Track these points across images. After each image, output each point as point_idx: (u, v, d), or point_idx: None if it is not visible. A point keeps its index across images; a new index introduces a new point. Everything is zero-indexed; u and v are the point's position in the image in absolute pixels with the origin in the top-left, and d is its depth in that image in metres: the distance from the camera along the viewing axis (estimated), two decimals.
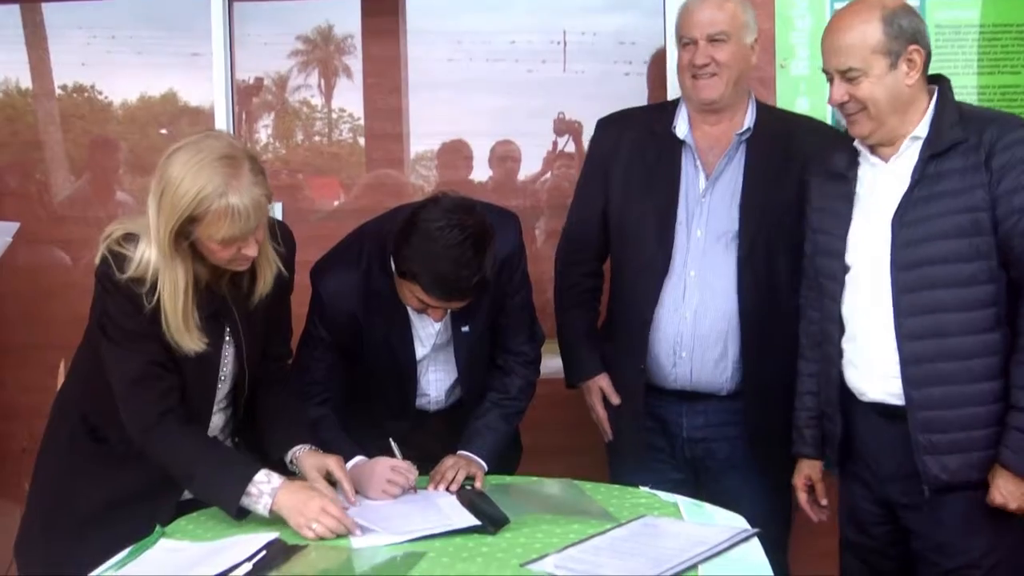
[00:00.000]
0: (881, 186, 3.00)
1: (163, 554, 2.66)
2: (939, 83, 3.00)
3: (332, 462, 2.96)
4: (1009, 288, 2.88)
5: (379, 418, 3.33)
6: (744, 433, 3.49)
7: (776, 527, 3.46)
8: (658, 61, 4.30)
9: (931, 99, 2.97)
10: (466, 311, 3.18)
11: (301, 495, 2.76)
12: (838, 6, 3.89)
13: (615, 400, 3.59)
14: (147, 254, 2.77)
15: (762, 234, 3.41)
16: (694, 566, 2.48)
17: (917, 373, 2.92)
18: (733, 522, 2.81)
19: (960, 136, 2.89)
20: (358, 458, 3.11)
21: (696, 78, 3.42)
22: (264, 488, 2.76)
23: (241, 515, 2.79)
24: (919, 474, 2.93)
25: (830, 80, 2.99)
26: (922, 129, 2.95)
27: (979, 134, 2.87)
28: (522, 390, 3.39)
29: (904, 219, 2.91)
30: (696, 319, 3.42)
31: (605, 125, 3.71)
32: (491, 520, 2.77)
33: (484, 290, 3.06)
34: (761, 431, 3.48)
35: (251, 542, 2.64)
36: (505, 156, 4.64)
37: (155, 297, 2.78)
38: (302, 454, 2.98)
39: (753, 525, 2.79)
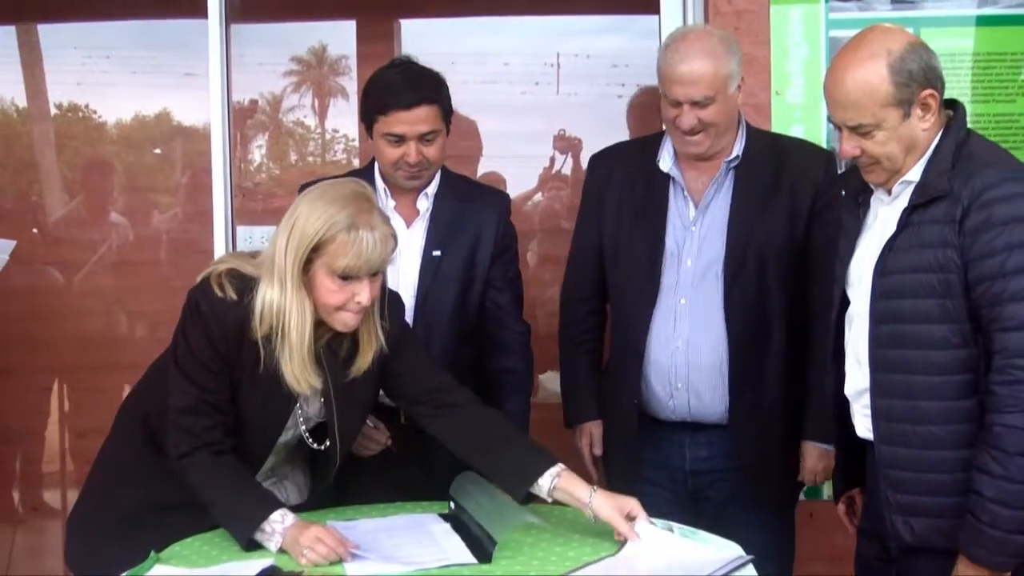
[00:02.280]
0: (880, 223, 2.85)
1: None
2: (954, 110, 2.79)
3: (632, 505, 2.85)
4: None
5: None
6: (739, 464, 3.45)
7: (782, 559, 3.48)
8: (647, 91, 4.31)
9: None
10: (439, 234, 3.39)
11: (301, 527, 2.75)
12: (833, 34, 3.92)
13: (597, 451, 3.61)
14: (269, 295, 2.77)
15: (752, 260, 3.37)
16: None
17: (887, 430, 2.76)
18: (728, 549, 2.80)
19: (944, 188, 2.65)
20: None
21: (683, 133, 3.33)
22: (277, 527, 2.75)
23: (251, 547, 2.77)
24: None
25: (838, 130, 2.79)
26: (915, 173, 2.74)
27: (964, 184, 2.63)
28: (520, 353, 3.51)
29: (884, 268, 2.74)
30: (689, 349, 3.39)
31: (597, 160, 3.68)
32: (484, 548, 2.76)
33: (443, 105, 3.33)
34: (755, 461, 3.46)
35: (245, 569, 2.63)
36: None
37: (262, 335, 2.78)
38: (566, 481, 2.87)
39: (762, 557, 2.79)
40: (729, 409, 3.41)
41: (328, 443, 3.00)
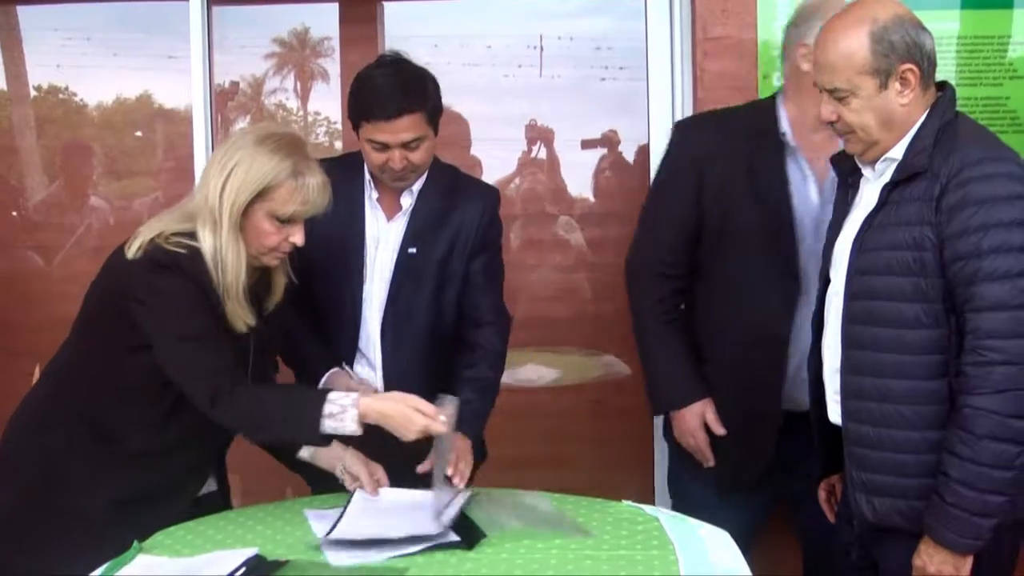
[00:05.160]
0: (864, 202, 2.86)
1: (141, 570, 2.64)
2: (943, 91, 2.81)
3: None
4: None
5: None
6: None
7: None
8: None
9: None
10: (416, 231, 3.37)
11: (380, 396, 2.85)
12: None
13: (720, 430, 3.44)
14: (208, 240, 2.83)
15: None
16: None
17: (854, 408, 2.79)
18: (717, 536, 2.79)
19: (923, 164, 2.68)
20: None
21: None
22: (345, 402, 2.74)
23: (327, 441, 2.82)
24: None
25: (822, 92, 2.83)
26: (898, 151, 2.76)
27: (943, 162, 2.65)
28: (488, 360, 3.43)
29: (863, 245, 2.77)
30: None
31: (699, 127, 3.59)
32: (467, 535, 2.75)
33: (429, 109, 3.26)
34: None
35: (230, 558, 2.63)
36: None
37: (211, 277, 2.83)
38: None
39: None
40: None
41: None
